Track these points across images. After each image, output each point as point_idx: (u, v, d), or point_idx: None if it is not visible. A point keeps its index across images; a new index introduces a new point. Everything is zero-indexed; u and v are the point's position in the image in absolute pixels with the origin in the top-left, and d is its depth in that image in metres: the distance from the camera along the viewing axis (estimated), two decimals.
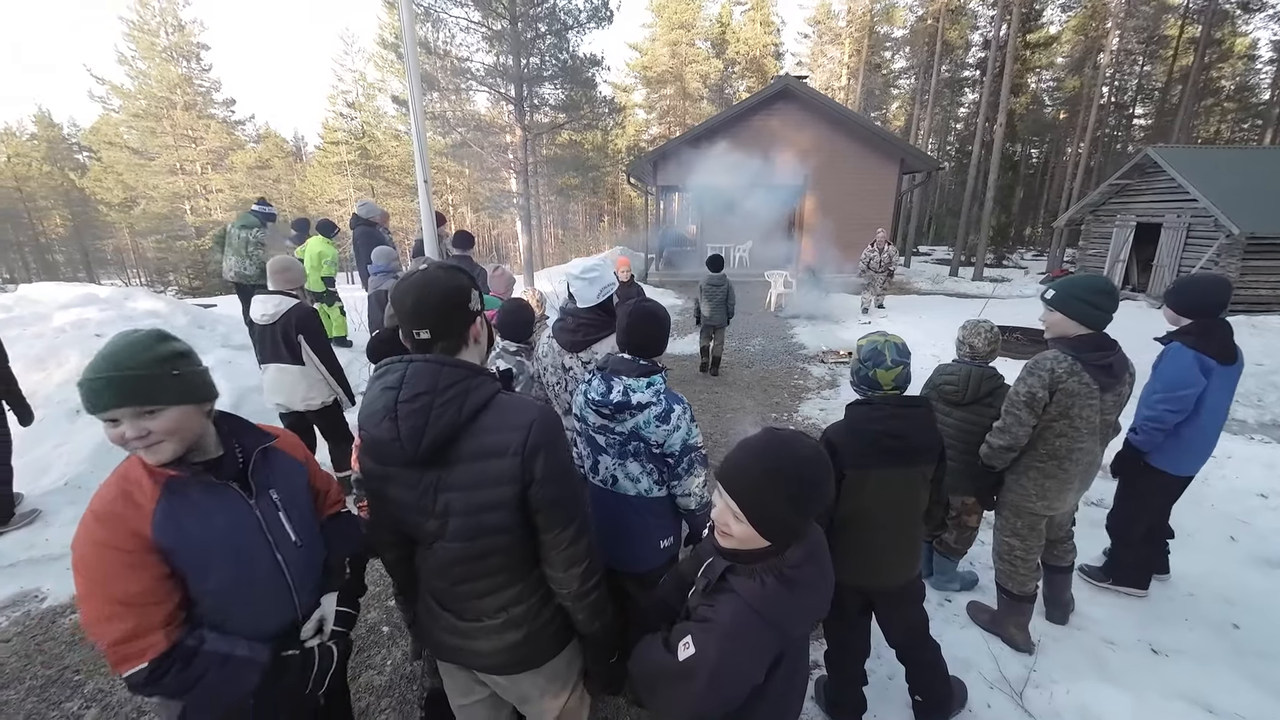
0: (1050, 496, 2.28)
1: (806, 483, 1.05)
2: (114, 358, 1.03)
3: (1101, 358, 2.12)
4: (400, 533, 1.28)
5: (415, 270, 1.20)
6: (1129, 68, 31.56)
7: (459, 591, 1.25)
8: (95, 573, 1.03)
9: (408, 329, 1.18)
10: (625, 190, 37.67)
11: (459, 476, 1.14)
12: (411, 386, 1.11)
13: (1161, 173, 13.64)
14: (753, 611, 1.05)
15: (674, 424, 1.75)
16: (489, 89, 14.56)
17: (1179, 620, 2.62)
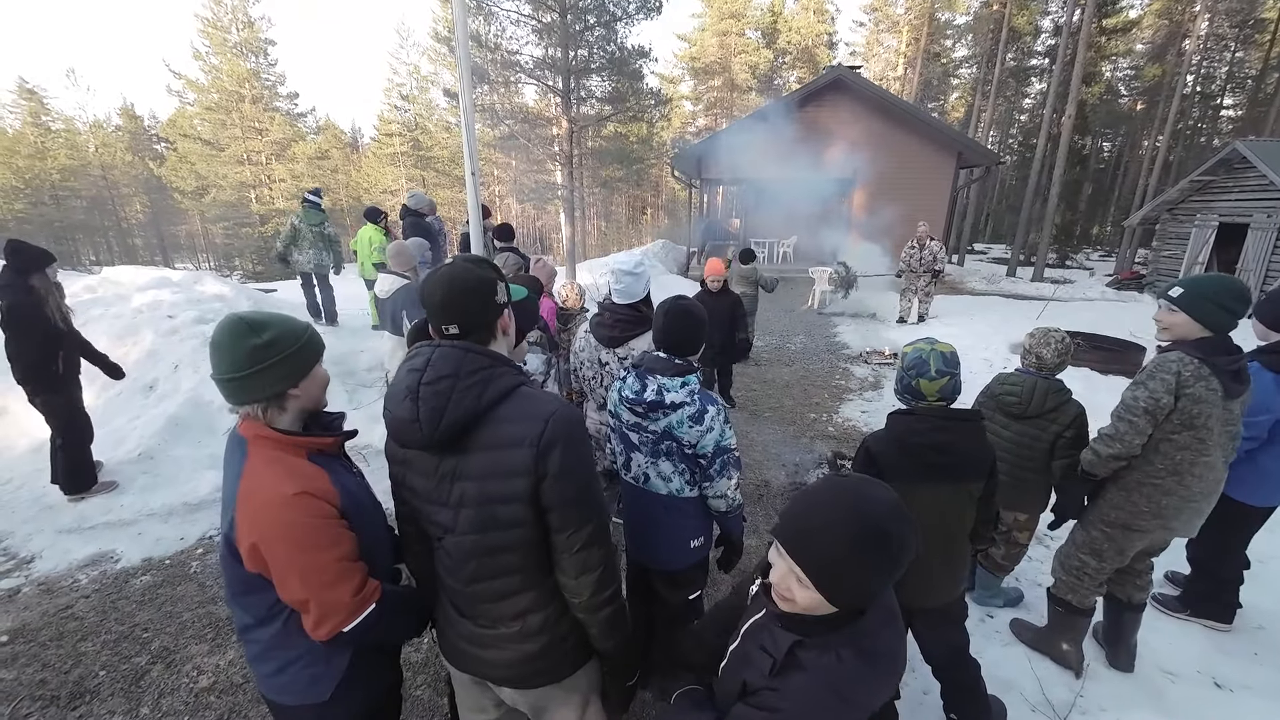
0: (1167, 515, 2.07)
1: (892, 545, 0.87)
2: (217, 361, 1.15)
3: (1231, 362, 1.92)
4: (419, 526, 1.28)
5: (442, 265, 1.21)
6: (1218, 54, 29.19)
7: (474, 593, 1.22)
8: (317, 542, 1.15)
9: (436, 324, 1.19)
10: (669, 183, 37.48)
11: (474, 465, 1.14)
12: (435, 369, 1.12)
13: (1251, 168, 12.58)
14: (832, 692, 0.91)
15: (707, 425, 1.73)
16: (537, 81, 14.74)
17: (1247, 655, 2.44)
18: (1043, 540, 3.26)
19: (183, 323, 5.45)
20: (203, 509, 3.74)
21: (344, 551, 1.18)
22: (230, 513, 1.14)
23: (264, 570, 1.14)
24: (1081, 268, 22.06)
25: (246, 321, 1.14)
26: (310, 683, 1.26)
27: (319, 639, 1.17)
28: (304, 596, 1.14)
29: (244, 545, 1.12)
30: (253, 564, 1.14)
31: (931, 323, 9.40)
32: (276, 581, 1.14)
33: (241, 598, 1.22)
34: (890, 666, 0.98)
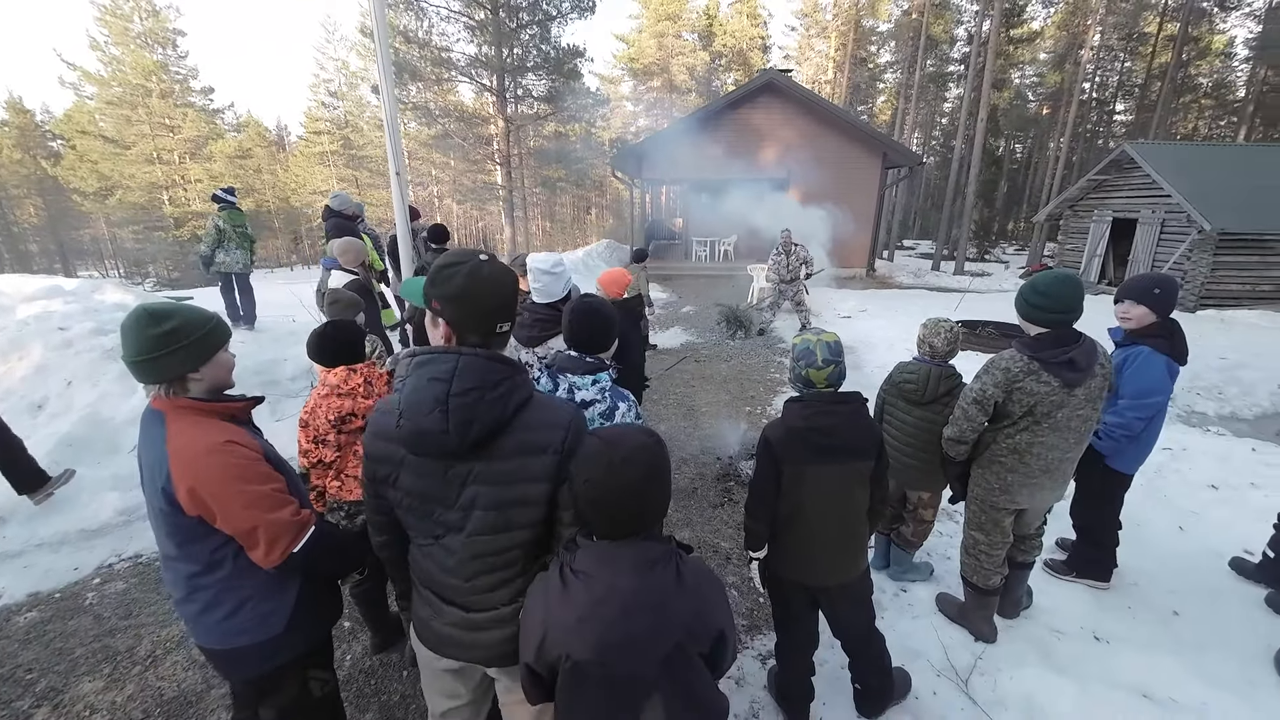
0: (1013, 491, 2.28)
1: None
2: (124, 345, 1.26)
3: (1060, 354, 2.07)
4: (396, 528, 1.31)
5: (479, 262, 1.17)
6: (1110, 64, 31.94)
7: (474, 585, 1.26)
8: (255, 474, 1.31)
9: (490, 324, 1.19)
10: (612, 183, 37.52)
11: (494, 471, 1.17)
12: (463, 380, 1.12)
13: (1138, 169, 13.86)
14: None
15: (618, 421, 1.76)
16: (471, 79, 14.43)
17: (1123, 609, 2.69)
18: (952, 516, 3.49)
19: (77, 335, 5.02)
20: (104, 535, 3.47)
21: (279, 485, 1.35)
22: (164, 469, 1.24)
23: (205, 513, 1.26)
24: (998, 261, 23.66)
25: (150, 312, 1.27)
26: (265, 617, 1.39)
27: (271, 564, 1.32)
28: (251, 524, 1.28)
29: (181, 491, 1.23)
30: (193, 507, 1.25)
31: (860, 316, 9.85)
32: (222, 517, 1.26)
33: (186, 547, 1.31)
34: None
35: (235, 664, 1.44)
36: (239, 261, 6.54)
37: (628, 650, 1.05)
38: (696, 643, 1.10)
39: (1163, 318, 2.46)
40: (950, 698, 2.25)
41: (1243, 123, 28.81)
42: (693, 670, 1.10)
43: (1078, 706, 2.17)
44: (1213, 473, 3.95)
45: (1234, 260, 12.24)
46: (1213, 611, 2.68)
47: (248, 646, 1.39)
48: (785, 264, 8.60)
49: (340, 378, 1.99)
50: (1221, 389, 6.16)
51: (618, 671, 1.05)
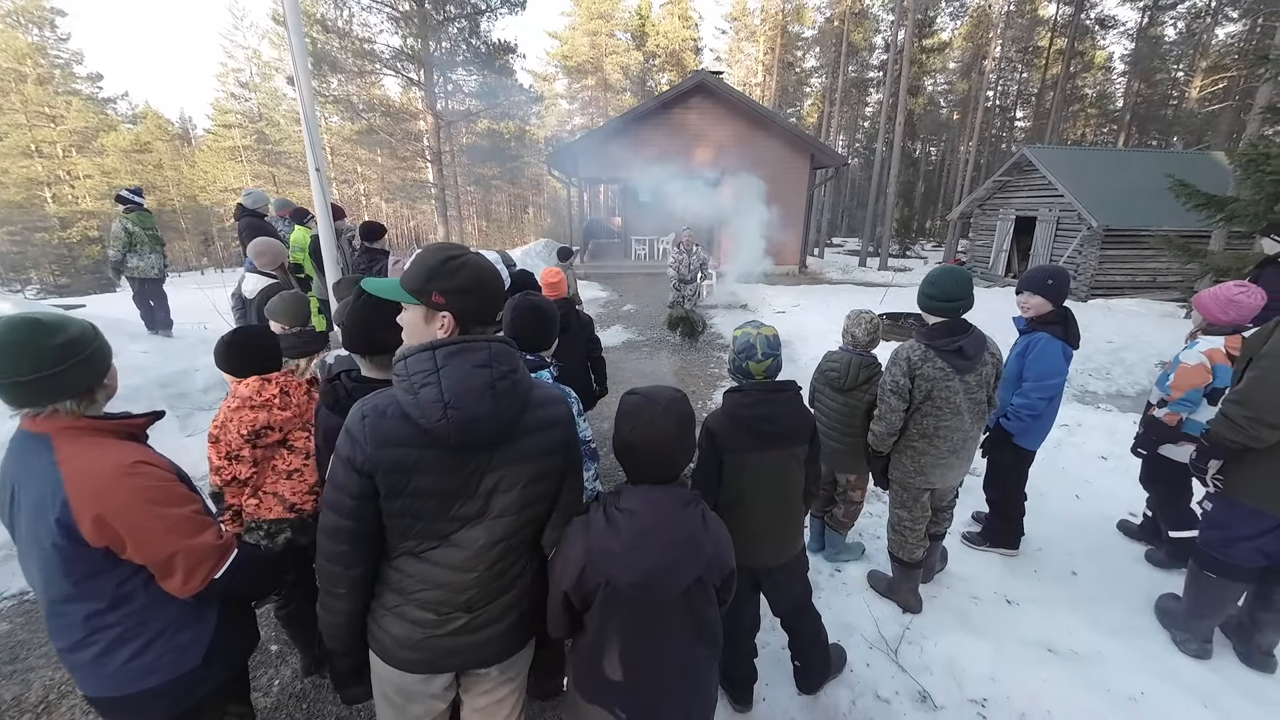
0: (927, 472, 2.47)
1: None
2: (10, 364, 1.09)
3: (951, 343, 2.29)
4: (373, 549, 1.20)
5: (474, 254, 1.19)
6: (1010, 74, 34.68)
7: (491, 573, 1.24)
8: (171, 497, 1.22)
9: (493, 313, 1.22)
10: (550, 182, 37.06)
11: (516, 451, 1.20)
12: (500, 365, 1.15)
13: (1036, 171, 15.11)
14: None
15: (583, 413, 1.78)
16: (397, 73, 13.83)
17: (1029, 573, 2.94)
18: (881, 498, 3.69)
19: None
20: None
21: (197, 506, 1.27)
22: (58, 498, 1.10)
23: (113, 542, 1.14)
24: (918, 257, 25.15)
25: (41, 321, 1.13)
26: (181, 650, 1.28)
27: (190, 592, 1.23)
28: (171, 550, 1.19)
29: (85, 521, 1.10)
30: (100, 538, 1.12)
31: (793, 311, 10.21)
32: (134, 545, 1.15)
33: (87, 583, 1.17)
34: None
35: (144, 710, 1.26)
36: (154, 266, 6.16)
37: (664, 575, 1.23)
38: (712, 576, 1.31)
39: (1057, 306, 2.70)
40: (882, 667, 2.38)
41: (1121, 129, 32.09)
42: (706, 598, 1.31)
43: (992, 665, 2.35)
44: (1103, 445, 4.38)
45: (1117, 254, 13.59)
46: (1104, 569, 2.97)
47: (160, 686, 1.25)
48: (686, 263, 8.65)
49: (253, 388, 1.86)
50: (1109, 370, 6.84)
51: (652, 594, 1.23)
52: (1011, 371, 2.75)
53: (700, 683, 1.35)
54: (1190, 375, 2.62)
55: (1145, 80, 31.28)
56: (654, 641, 1.27)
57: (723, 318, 10.26)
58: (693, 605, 1.29)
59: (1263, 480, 2.03)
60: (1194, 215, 5.90)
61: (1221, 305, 2.56)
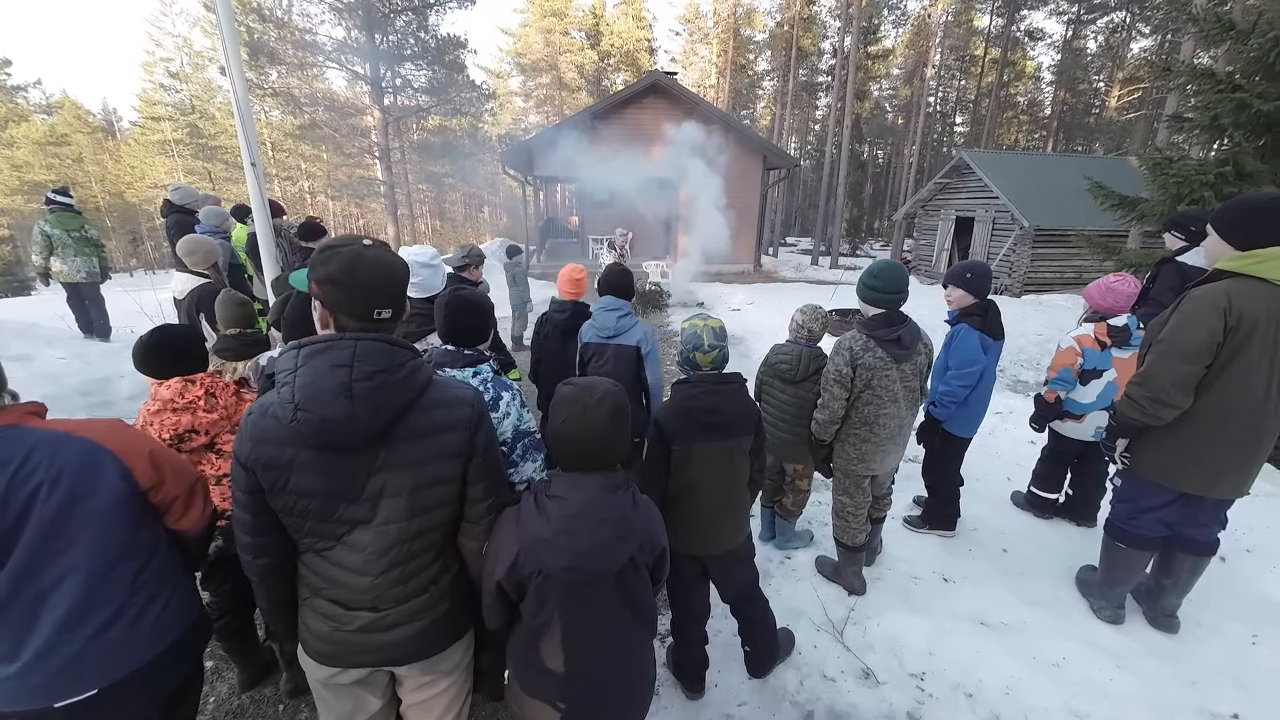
0: (868, 459, 2.58)
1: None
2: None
3: (890, 333, 2.41)
4: (278, 542, 1.23)
5: (362, 246, 1.14)
6: (949, 81, 36.34)
7: (388, 579, 1.21)
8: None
9: (367, 308, 1.15)
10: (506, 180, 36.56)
11: (402, 454, 1.16)
12: (365, 364, 1.10)
13: (973, 173, 15.90)
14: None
15: (503, 411, 1.74)
16: (341, 66, 13.33)
17: (964, 552, 3.11)
18: (827, 486, 3.81)
19: None
20: None
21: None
22: (102, 453, 1.19)
23: (159, 479, 1.28)
24: (868, 256, 26.04)
25: None
26: (188, 599, 1.39)
27: (206, 518, 1.43)
28: (194, 477, 1.40)
29: (141, 460, 1.25)
30: (153, 474, 1.27)
31: (749, 309, 10.42)
32: (174, 477, 1.32)
33: (139, 531, 1.27)
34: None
35: (171, 666, 1.34)
36: (80, 270, 5.79)
37: (596, 558, 1.24)
38: (645, 554, 1.34)
39: (979, 298, 2.86)
40: (829, 649, 2.46)
41: (1050, 136, 34.12)
42: (640, 578, 1.34)
43: (930, 640, 2.47)
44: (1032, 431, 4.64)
45: (1047, 252, 14.45)
46: (1031, 545, 3.16)
47: (181, 637, 1.35)
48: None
49: (175, 390, 1.76)
50: (1039, 361, 7.27)
51: (585, 577, 1.24)
52: (940, 362, 2.90)
53: (638, 662, 1.40)
54: (1061, 357, 2.97)
55: (1070, 90, 33.37)
56: (590, 624, 1.29)
57: (678, 315, 10.36)
58: (627, 586, 1.31)
59: (1163, 457, 2.20)
60: (1112, 216, 6.37)
61: (1101, 292, 2.85)
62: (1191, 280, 3.51)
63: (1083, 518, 3.30)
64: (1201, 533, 2.32)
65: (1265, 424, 2.05)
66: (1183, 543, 2.34)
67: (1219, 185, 4.40)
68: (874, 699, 2.22)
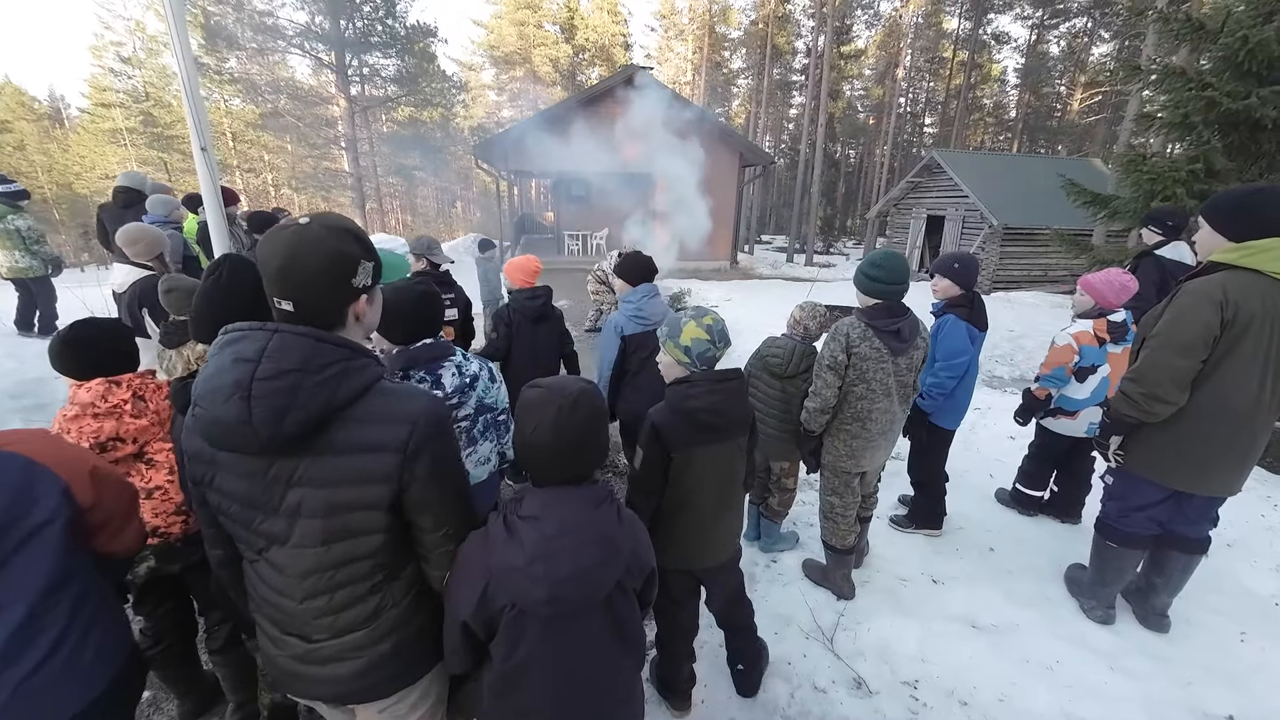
0: (858, 455, 2.49)
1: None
2: None
3: (890, 324, 2.31)
4: (229, 540, 1.14)
5: (290, 224, 0.99)
6: (919, 83, 37.01)
7: (312, 608, 1.07)
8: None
9: (270, 294, 1.00)
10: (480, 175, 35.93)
11: (321, 470, 0.99)
12: (276, 361, 0.93)
13: (944, 173, 16.16)
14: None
15: (498, 379, 1.83)
16: (304, 53, 12.79)
17: (952, 551, 3.05)
18: (813, 485, 3.73)
19: None
20: None
21: None
22: (37, 471, 1.07)
23: (98, 497, 1.17)
24: (841, 254, 26.38)
25: None
26: (124, 626, 1.25)
27: (143, 537, 1.34)
28: (131, 493, 1.29)
29: (82, 478, 1.14)
30: (92, 492, 1.15)
31: (726, 305, 10.36)
32: (114, 494, 1.22)
33: (78, 556, 1.14)
34: None
35: (107, 709, 1.18)
36: (18, 264, 5.38)
37: (579, 583, 1.08)
38: (633, 577, 1.20)
39: (965, 289, 2.80)
40: (819, 657, 2.36)
41: (1014, 137, 35.04)
42: (627, 602, 1.19)
43: (921, 645, 2.40)
44: (1011, 426, 4.63)
45: (1015, 250, 14.77)
46: (1017, 542, 3.13)
47: (127, 662, 1.23)
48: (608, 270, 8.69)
49: (96, 393, 1.55)
50: (1012, 356, 7.37)
51: (567, 608, 1.09)
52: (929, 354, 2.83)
53: (628, 696, 1.26)
54: (1057, 354, 2.89)
55: (1034, 92, 34.32)
56: (574, 660, 1.13)
57: None
58: (614, 613, 1.16)
59: (1156, 454, 2.16)
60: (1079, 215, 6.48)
61: (1115, 290, 2.76)
62: (1169, 274, 3.58)
63: (1068, 515, 3.28)
64: (1193, 530, 2.29)
65: (1259, 420, 2.02)
66: (1174, 541, 2.31)
67: (1190, 182, 4.47)
68: (867, 710, 2.13)
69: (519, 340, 3.39)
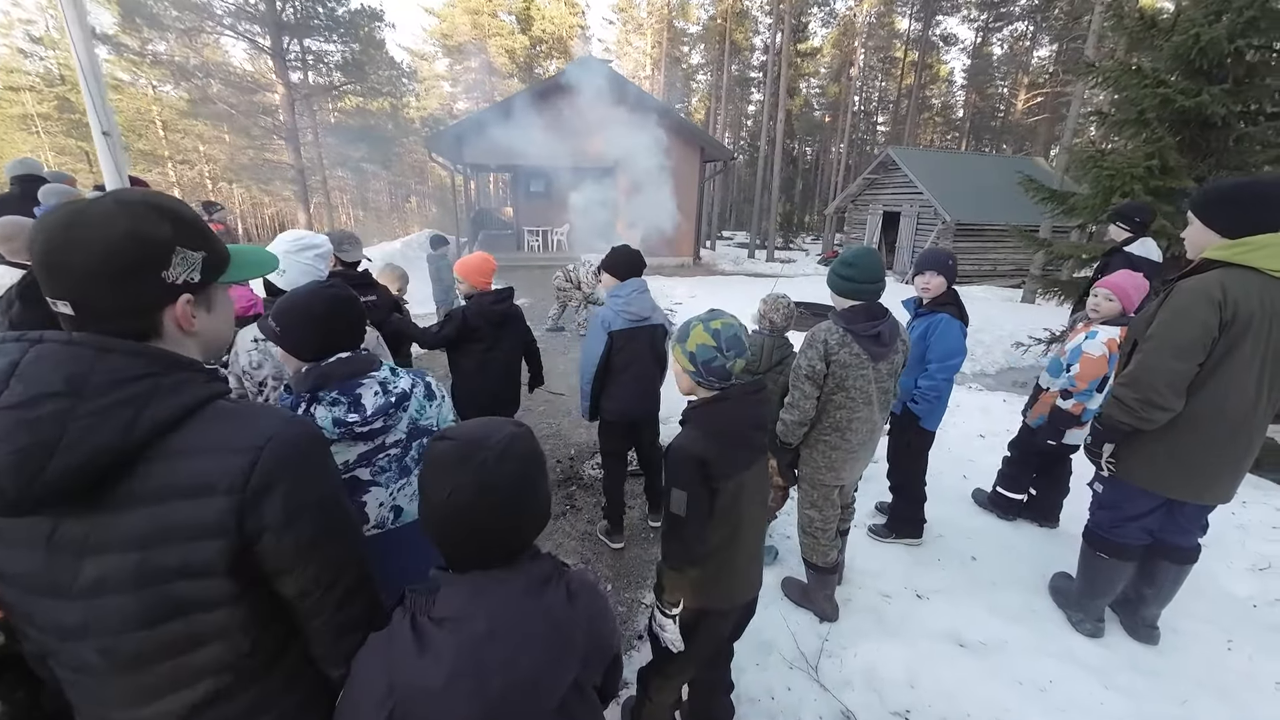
0: (838, 467, 2.32)
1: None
2: None
3: (870, 328, 2.15)
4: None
5: (85, 202, 0.73)
6: (872, 82, 37.86)
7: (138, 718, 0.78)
8: None
9: (45, 294, 0.73)
10: (435, 169, 34.78)
11: (125, 528, 0.71)
12: (30, 383, 0.67)
13: (899, 170, 16.48)
14: None
15: (439, 394, 1.52)
16: (238, 35, 11.90)
17: (933, 561, 2.93)
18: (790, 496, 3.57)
19: None
20: None
21: None
22: None
23: None
24: (801, 249, 26.72)
25: None
26: None
27: None
28: None
29: None
30: None
31: (690, 301, 10.22)
32: None
33: None
34: None
35: None
36: None
37: (523, 698, 0.82)
38: (591, 672, 0.94)
39: (951, 285, 2.68)
40: (804, 690, 2.18)
41: (962, 136, 36.28)
42: (586, 706, 0.93)
43: (909, 670, 2.24)
44: (980, 424, 4.64)
45: (967, 245, 15.19)
46: (997, 549, 3.03)
47: None
48: (586, 270, 8.55)
49: None
50: (971, 351, 7.45)
51: None
52: (914, 354, 2.68)
53: None
54: (1095, 366, 2.68)
55: (980, 93, 35.60)
56: None
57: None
58: None
59: (1152, 463, 2.05)
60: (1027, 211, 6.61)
61: (1140, 292, 2.70)
62: (1139, 270, 3.56)
63: (1046, 519, 3.21)
64: (1185, 539, 2.20)
65: (1255, 426, 1.93)
66: (1166, 551, 2.22)
67: (1146, 179, 4.52)
68: None
69: (480, 344, 3.11)
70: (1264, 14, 4.23)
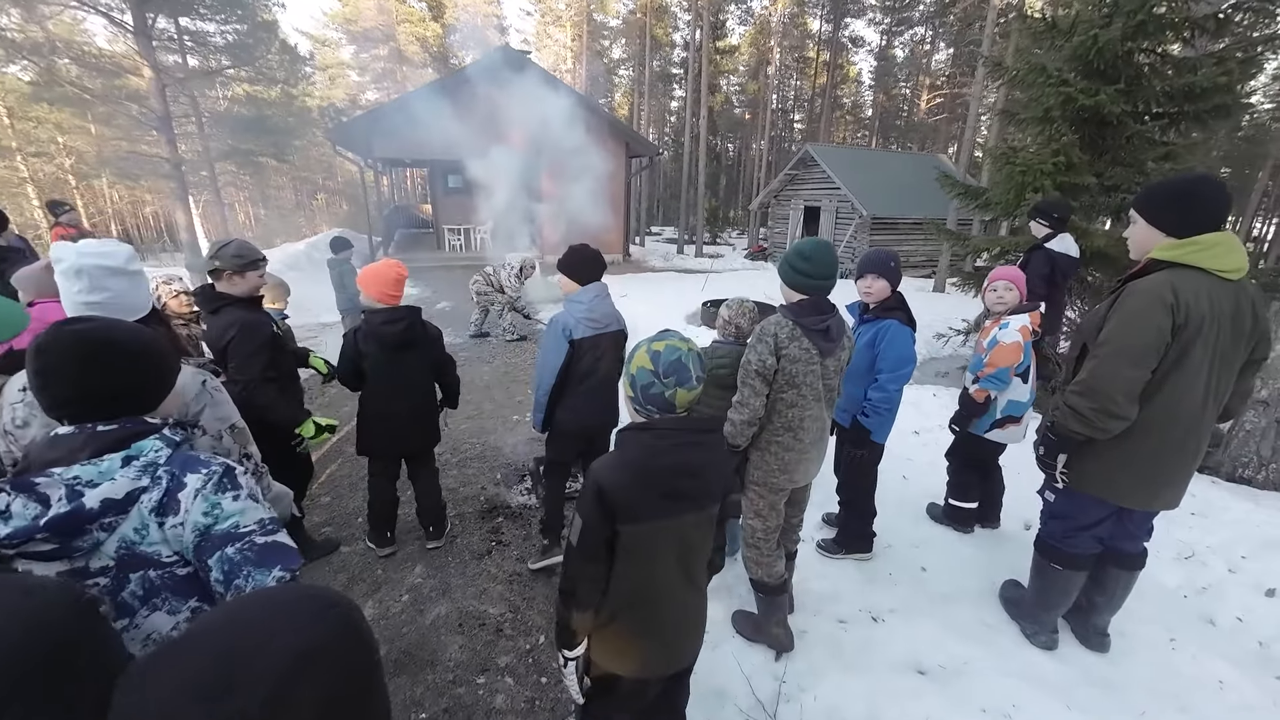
0: (791, 469, 2.16)
1: None
2: None
3: (818, 322, 2.00)
4: None
5: None
6: (788, 81, 39.06)
7: None
8: None
9: None
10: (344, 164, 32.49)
11: None
12: None
13: (817, 166, 16.96)
14: None
15: (184, 509, 0.93)
16: (88, 8, 10.30)
17: (885, 577, 2.80)
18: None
19: None
20: None
21: None
22: None
23: None
24: (728, 244, 27.09)
25: None
26: None
27: None
28: None
29: None
30: None
31: (623, 301, 9.88)
32: None
33: None
34: None
35: None
36: None
37: None
38: None
39: (895, 289, 2.54)
40: None
41: (871, 135, 38.21)
42: None
43: (872, 707, 2.07)
44: (913, 420, 4.65)
45: (881, 239, 15.85)
46: (945, 558, 2.95)
47: None
48: (513, 274, 8.40)
49: None
50: None
51: None
52: (862, 363, 2.52)
53: None
54: (1007, 353, 2.67)
55: (886, 94, 37.60)
56: None
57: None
58: None
59: (1105, 470, 1.98)
60: (935, 206, 6.84)
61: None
62: (1059, 267, 3.62)
63: (987, 519, 3.18)
64: (1133, 545, 2.16)
65: (1203, 430, 1.88)
66: (1116, 558, 2.17)
67: (1055, 174, 4.69)
68: None
69: (375, 375, 2.67)
70: (1150, 19, 4.48)
